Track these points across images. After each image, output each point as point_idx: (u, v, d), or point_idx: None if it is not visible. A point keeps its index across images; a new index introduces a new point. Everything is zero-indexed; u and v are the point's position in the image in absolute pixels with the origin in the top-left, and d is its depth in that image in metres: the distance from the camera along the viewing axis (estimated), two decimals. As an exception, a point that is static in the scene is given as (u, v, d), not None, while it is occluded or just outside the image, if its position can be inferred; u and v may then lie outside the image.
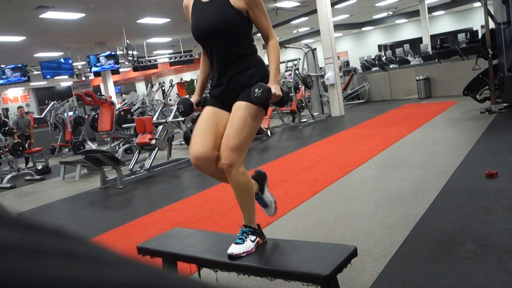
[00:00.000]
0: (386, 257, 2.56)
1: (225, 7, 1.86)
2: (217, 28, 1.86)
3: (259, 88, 1.83)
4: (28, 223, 0.21)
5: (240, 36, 1.90)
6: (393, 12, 20.83)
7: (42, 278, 0.18)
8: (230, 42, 1.89)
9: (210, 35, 1.90)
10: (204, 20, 1.90)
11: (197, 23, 1.94)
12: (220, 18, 1.86)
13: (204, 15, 1.91)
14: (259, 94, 1.82)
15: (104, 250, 0.22)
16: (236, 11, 1.86)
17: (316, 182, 4.58)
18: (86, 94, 9.16)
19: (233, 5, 1.86)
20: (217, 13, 1.87)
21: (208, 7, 1.90)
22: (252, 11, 1.90)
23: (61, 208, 5.51)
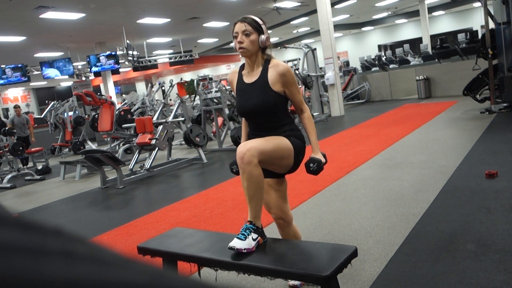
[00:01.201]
0: (386, 257, 2.56)
1: (266, 90, 2.10)
2: (260, 108, 2.11)
3: (313, 162, 2.11)
4: (28, 223, 0.21)
5: (278, 112, 2.14)
6: (393, 12, 20.83)
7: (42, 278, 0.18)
8: (270, 117, 2.14)
9: (253, 114, 2.16)
10: (248, 101, 2.14)
11: (242, 103, 2.18)
12: (262, 100, 2.10)
13: (248, 96, 2.15)
14: (315, 168, 2.10)
15: (104, 250, 0.22)
16: (275, 93, 2.10)
17: (316, 182, 4.58)
18: (86, 94, 9.16)
19: (272, 88, 2.09)
20: (259, 95, 2.11)
21: (251, 88, 2.14)
22: (288, 90, 2.14)
23: (61, 208, 5.51)
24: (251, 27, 2.07)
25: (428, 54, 13.78)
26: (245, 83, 2.17)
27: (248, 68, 2.18)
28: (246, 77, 2.18)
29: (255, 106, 2.11)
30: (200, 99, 8.97)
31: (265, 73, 2.11)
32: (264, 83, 2.10)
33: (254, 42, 2.07)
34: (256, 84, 2.12)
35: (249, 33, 2.06)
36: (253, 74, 2.15)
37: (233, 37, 2.12)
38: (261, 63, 2.14)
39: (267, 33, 2.12)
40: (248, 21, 2.08)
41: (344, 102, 12.31)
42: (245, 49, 2.07)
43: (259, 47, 2.11)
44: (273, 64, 2.12)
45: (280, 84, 2.10)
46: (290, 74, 2.12)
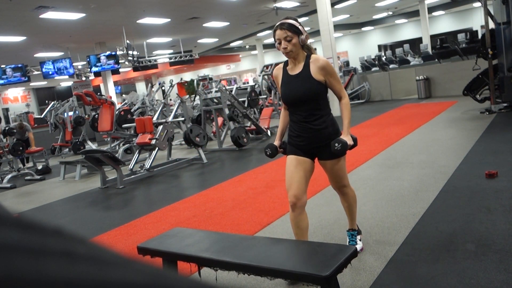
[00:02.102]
0: (386, 257, 2.56)
1: (309, 79, 2.38)
2: (304, 96, 2.39)
3: (339, 143, 2.34)
4: (28, 223, 0.21)
5: (319, 100, 2.42)
6: (393, 12, 20.83)
7: (42, 278, 0.18)
8: (312, 105, 2.40)
9: (298, 102, 2.42)
10: (293, 90, 2.42)
11: (287, 92, 2.45)
12: (306, 88, 2.38)
13: (293, 86, 2.42)
14: (339, 148, 2.33)
15: (104, 250, 0.22)
16: (317, 82, 2.38)
17: (316, 182, 4.58)
18: (86, 94, 9.16)
19: (315, 78, 2.38)
20: (303, 84, 2.39)
21: (296, 79, 2.42)
22: (328, 80, 2.42)
23: (61, 208, 5.50)
24: (291, 32, 2.33)
25: (428, 54, 13.77)
26: (290, 75, 2.45)
27: (292, 64, 2.45)
28: (290, 71, 2.46)
29: (300, 93, 2.39)
30: (200, 99, 8.97)
31: (307, 66, 2.40)
32: (307, 74, 2.39)
33: (297, 45, 2.35)
34: (300, 76, 2.41)
35: (290, 38, 2.33)
36: (297, 68, 2.43)
37: (277, 44, 2.38)
38: (303, 58, 2.42)
39: (304, 32, 2.37)
40: (286, 27, 2.33)
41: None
42: (290, 52, 2.36)
43: (300, 46, 2.38)
44: (313, 59, 2.40)
45: (321, 75, 2.38)
46: (329, 66, 2.41)
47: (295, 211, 2.42)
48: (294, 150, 2.49)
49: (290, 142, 2.53)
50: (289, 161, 2.50)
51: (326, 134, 2.42)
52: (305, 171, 2.45)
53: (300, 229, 2.44)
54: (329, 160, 2.46)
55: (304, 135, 2.43)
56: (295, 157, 2.47)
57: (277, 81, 2.55)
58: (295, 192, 2.40)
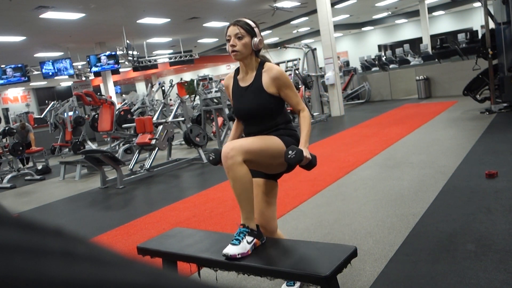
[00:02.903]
0: (386, 257, 2.56)
1: (261, 93, 2.11)
2: (255, 111, 2.13)
3: (292, 150, 2.00)
4: (28, 223, 0.21)
5: (273, 113, 2.15)
6: (393, 12, 20.83)
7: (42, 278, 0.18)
8: (266, 120, 2.15)
9: (250, 116, 2.17)
10: (243, 104, 2.16)
11: (238, 106, 2.21)
12: (257, 103, 2.12)
13: (243, 99, 2.17)
14: (293, 156, 1.99)
15: (104, 250, 0.22)
16: (270, 95, 2.11)
17: (316, 182, 4.59)
18: (86, 94, 9.16)
19: (267, 91, 2.10)
20: (254, 98, 2.13)
21: (246, 92, 2.16)
22: (283, 92, 2.13)
23: (61, 208, 5.50)
24: (243, 30, 2.07)
25: (428, 54, 13.77)
26: (240, 86, 2.19)
27: (243, 73, 2.19)
28: (241, 81, 2.19)
29: (250, 109, 2.13)
30: (200, 99, 8.97)
31: (259, 77, 2.12)
32: (259, 86, 2.11)
33: (247, 45, 2.08)
34: (251, 88, 2.14)
35: (241, 36, 2.07)
36: (248, 78, 2.16)
37: (226, 40, 2.12)
38: (255, 66, 2.15)
39: (260, 36, 2.12)
40: (240, 24, 2.08)
41: (344, 102, 12.31)
42: (237, 52, 2.08)
43: (252, 50, 2.11)
44: (266, 68, 2.13)
45: (274, 87, 2.11)
46: (283, 77, 2.12)
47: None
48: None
49: None
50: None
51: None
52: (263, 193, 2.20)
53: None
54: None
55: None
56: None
57: (228, 92, 2.29)
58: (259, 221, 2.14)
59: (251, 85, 2.14)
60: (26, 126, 9.21)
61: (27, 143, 9.00)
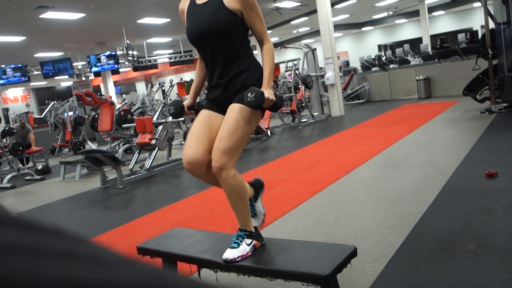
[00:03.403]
0: (386, 257, 2.56)
1: (219, 8, 1.85)
2: (211, 29, 1.85)
3: (252, 92, 1.80)
4: (28, 223, 0.21)
5: (234, 38, 1.88)
6: (393, 12, 20.83)
7: (42, 278, 0.18)
8: (224, 44, 1.88)
9: (204, 37, 1.89)
10: (198, 22, 1.89)
11: (191, 25, 1.93)
12: (214, 19, 1.85)
13: (198, 17, 1.90)
14: (252, 99, 1.80)
15: (104, 250, 0.22)
16: (230, 13, 1.85)
17: (316, 182, 4.58)
18: (86, 94, 9.16)
19: (228, 7, 1.85)
20: (211, 14, 1.86)
21: (202, 9, 1.90)
22: (246, 14, 1.88)
23: (61, 208, 5.51)
24: None
25: (428, 54, 13.77)
26: (196, 4, 1.95)
27: None
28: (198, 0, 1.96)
29: (206, 26, 1.87)
30: (200, 99, 8.97)
31: None
32: (218, 1, 1.87)
33: None
34: (209, 4, 1.90)
35: None
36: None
37: None
38: None
39: None
40: None
41: (344, 102, 12.31)
42: None
43: None
44: None
45: (238, 4, 1.86)
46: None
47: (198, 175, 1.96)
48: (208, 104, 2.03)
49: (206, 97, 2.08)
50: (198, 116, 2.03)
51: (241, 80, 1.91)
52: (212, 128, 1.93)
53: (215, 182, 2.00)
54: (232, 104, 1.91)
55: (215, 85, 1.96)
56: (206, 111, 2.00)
57: (183, 17, 2.04)
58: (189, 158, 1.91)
59: (209, 1, 1.90)
60: (26, 126, 9.21)
61: (27, 144, 9.00)
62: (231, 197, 1.93)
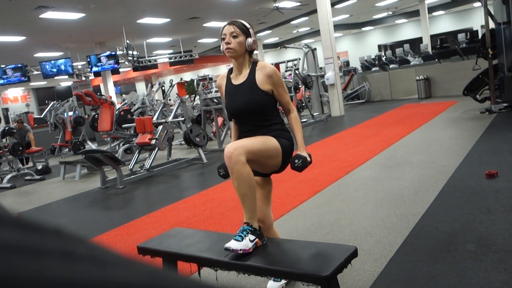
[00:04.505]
0: (386, 257, 2.56)
1: (254, 89, 2.15)
2: (248, 107, 2.16)
3: (299, 159, 2.14)
4: (28, 223, 0.21)
5: (266, 111, 2.19)
6: (393, 12, 20.83)
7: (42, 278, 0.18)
8: (258, 117, 2.18)
9: (242, 114, 2.21)
10: (236, 101, 2.20)
11: (230, 103, 2.24)
12: (249, 99, 2.15)
13: (236, 97, 2.20)
14: (299, 164, 2.13)
15: (104, 250, 0.22)
16: (263, 92, 2.16)
17: (316, 182, 4.58)
18: (86, 94, 9.16)
19: (260, 87, 2.15)
20: (247, 95, 2.16)
21: (239, 89, 2.20)
22: (276, 91, 2.19)
23: (61, 208, 5.51)
24: (239, 29, 2.15)
25: (428, 54, 13.77)
26: (233, 84, 2.24)
27: (236, 71, 2.24)
28: (234, 80, 2.25)
29: (243, 105, 2.17)
30: (200, 99, 8.97)
31: (253, 74, 2.18)
32: (252, 83, 2.16)
33: (241, 44, 2.15)
34: (244, 85, 2.18)
35: (236, 35, 2.14)
36: (241, 77, 2.22)
37: (221, 39, 2.18)
38: (248, 65, 2.21)
39: (254, 37, 2.21)
40: (236, 24, 2.16)
41: (344, 102, 12.31)
42: (232, 50, 2.14)
43: (246, 50, 2.18)
44: (260, 66, 2.19)
45: (268, 84, 2.16)
46: (277, 75, 2.19)
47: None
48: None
49: None
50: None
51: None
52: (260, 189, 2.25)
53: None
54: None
55: None
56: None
57: (221, 91, 2.33)
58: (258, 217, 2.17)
59: (244, 82, 2.19)
60: (25, 126, 9.21)
61: (27, 142, 9.00)
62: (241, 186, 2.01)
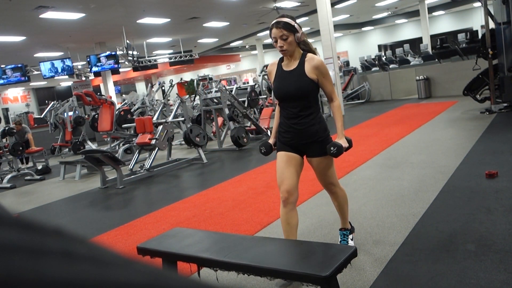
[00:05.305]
0: (386, 257, 2.56)
1: (303, 77, 2.41)
2: (295, 92, 2.42)
3: (334, 146, 2.39)
4: (28, 223, 0.21)
5: (310, 98, 2.46)
6: (393, 12, 20.83)
7: (42, 278, 0.18)
8: (302, 102, 2.44)
9: (289, 97, 2.45)
10: (286, 85, 2.45)
11: (279, 86, 2.48)
12: (298, 85, 2.41)
13: (286, 81, 2.46)
14: (335, 151, 2.39)
15: (104, 250, 0.22)
16: (310, 80, 2.42)
17: (316, 182, 4.57)
18: (86, 94, 9.16)
19: (308, 76, 2.41)
20: (296, 81, 2.42)
21: (290, 75, 2.45)
22: (321, 80, 2.45)
23: (61, 208, 5.51)
24: (286, 31, 2.36)
25: (428, 54, 13.77)
26: (284, 70, 2.49)
27: (287, 60, 2.49)
28: (285, 67, 2.50)
29: (292, 89, 2.42)
30: (200, 99, 8.97)
31: (302, 64, 2.43)
32: (301, 71, 2.42)
33: (292, 43, 2.39)
34: (294, 72, 2.44)
35: (286, 37, 2.36)
36: (291, 65, 2.47)
37: (273, 41, 2.42)
38: (299, 55, 2.46)
39: (300, 30, 2.42)
40: (282, 26, 2.36)
41: (344, 102, 12.30)
42: (286, 51, 2.40)
43: (296, 44, 2.42)
44: (308, 58, 2.43)
45: (314, 74, 2.42)
46: (323, 66, 2.44)
47: (287, 206, 2.45)
48: (283, 146, 2.53)
49: (279, 139, 2.57)
50: (279, 157, 2.54)
51: (313, 131, 2.45)
52: (295, 167, 2.49)
53: (290, 226, 2.46)
54: (315, 157, 2.50)
55: (292, 131, 2.47)
56: (285, 153, 2.51)
57: (271, 76, 2.59)
58: (287, 187, 2.43)
59: (294, 69, 2.45)
60: (23, 127, 9.20)
61: (25, 141, 9.00)
62: (340, 203, 2.68)
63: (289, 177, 2.45)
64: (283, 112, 2.52)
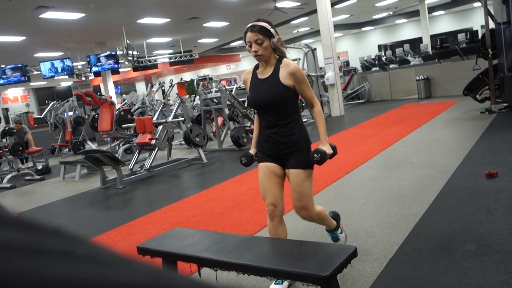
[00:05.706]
0: (386, 257, 2.56)
1: (277, 84, 2.30)
2: (271, 101, 2.31)
3: (317, 153, 2.26)
4: (28, 223, 0.21)
5: (288, 106, 2.33)
6: (393, 12, 20.83)
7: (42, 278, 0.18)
8: (280, 111, 2.33)
9: (265, 106, 2.35)
10: (261, 94, 2.35)
11: (255, 95, 2.39)
12: (273, 93, 2.31)
13: (261, 89, 2.36)
14: (318, 158, 2.25)
15: (104, 250, 0.22)
16: (286, 88, 2.30)
17: (316, 182, 4.56)
18: (86, 94, 9.16)
19: (283, 83, 2.30)
20: (270, 89, 2.32)
21: (264, 83, 2.35)
22: (298, 86, 2.33)
23: (61, 208, 5.50)
24: (261, 35, 2.26)
25: (428, 54, 13.76)
26: (259, 78, 2.39)
27: (262, 67, 2.40)
28: (260, 74, 2.40)
29: (267, 98, 2.32)
30: (200, 99, 8.97)
31: (277, 71, 2.33)
32: (276, 79, 2.31)
33: (267, 48, 2.29)
34: (269, 80, 2.34)
35: (261, 42, 2.27)
36: (266, 72, 2.37)
37: (248, 45, 2.32)
38: (274, 62, 2.36)
39: (276, 35, 2.32)
40: (257, 30, 2.26)
41: (344, 102, 12.30)
42: (261, 56, 2.30)
43: (272, 50, 2.33)
44: (284, 64, 2.33)
45: (291, 81, 2.30)
46: (299, 72, 2.32)
47: (274, 220, 2.37)
48: (263, 157, 2.44)
49: (259, 149, 2.47)
50: (260, 170, 2.45)
51: (293, 140, 2.33)
52: (277, 178, 2.39)
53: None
54: (293, 169, 2.36)
55: (270, 140, 2.37)
56: (265, 165, 2.42)
57: (246, 85, 2.49)
58: (271, 201, 2.36)
59: (269, 77, 2.35)
60: (23, 128, 9.20)
61: (25, 141, 9.00)
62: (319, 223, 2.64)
63: (271, 190, 2.37)
64: (261, 121, 2.42)
